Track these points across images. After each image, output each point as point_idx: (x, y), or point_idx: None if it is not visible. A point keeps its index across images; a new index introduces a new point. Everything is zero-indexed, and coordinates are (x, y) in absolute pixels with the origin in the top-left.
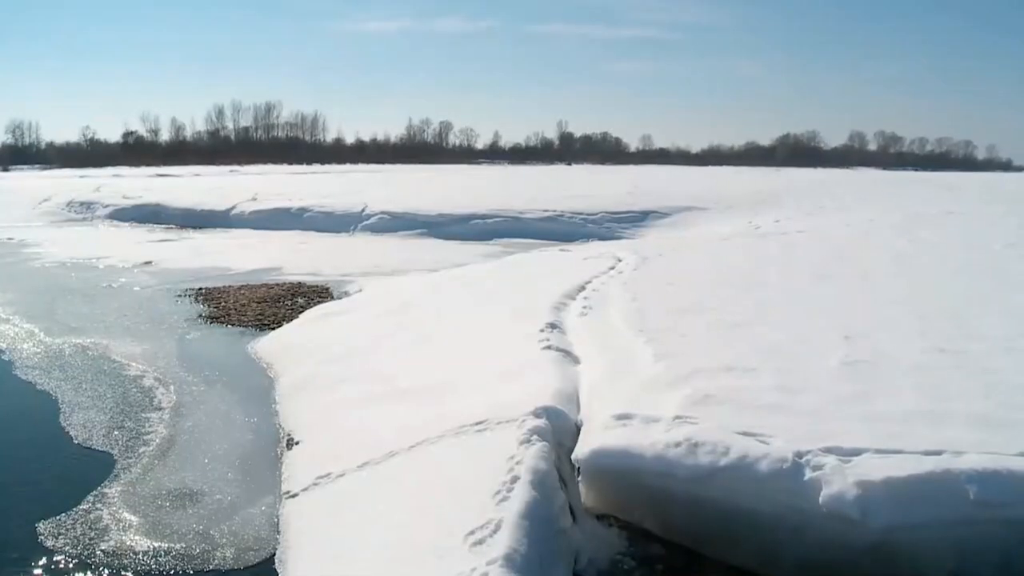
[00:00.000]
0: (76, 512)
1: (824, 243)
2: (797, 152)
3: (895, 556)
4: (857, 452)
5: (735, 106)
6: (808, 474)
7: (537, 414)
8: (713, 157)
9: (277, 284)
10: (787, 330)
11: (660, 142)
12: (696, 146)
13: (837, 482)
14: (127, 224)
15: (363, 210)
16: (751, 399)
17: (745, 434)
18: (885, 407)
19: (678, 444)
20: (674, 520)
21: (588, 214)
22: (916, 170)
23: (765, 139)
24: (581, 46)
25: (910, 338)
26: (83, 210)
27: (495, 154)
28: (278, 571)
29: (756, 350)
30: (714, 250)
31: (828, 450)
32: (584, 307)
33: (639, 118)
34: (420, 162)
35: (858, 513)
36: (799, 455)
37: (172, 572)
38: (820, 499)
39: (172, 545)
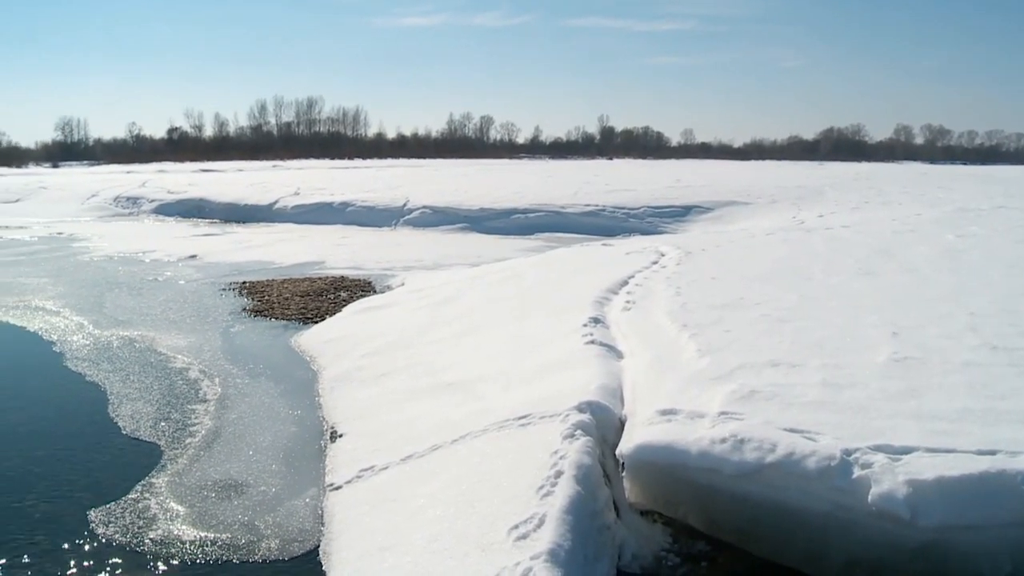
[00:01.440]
0: (125, 501)
1: (869, 238)
2: (841, 146)
3: (947, 557)
4: (907, 450)
5: (778, 100)
6: (856, 472)
7: (581, 409)
8: (755, 151)
9: (320, 278)
10: (833, 325)
11: (702, 136)
12: (738, 140)
13: (887, 481)
14: (172, 219)
15: (404, 204)
16: (797, 395)
17: (791, 430)
18: (936, 405)
19: (724, 440)
20: (719, 516)
21: (630, 209)
22: (965, 164)
23: (808, 133)
24: (621, 40)
25: (961, 334)
26: (129, 205)
27: (536, 149)
28: (323, 563)
29: (801, 345)
30: (758, 245)
31: (877, 448)
32: (627, 302)
33: (680, 112)
34: (461, 157)
35: (908, 513)
36: (847, 452)
37: (218, 562)
38: (869, 498)
39: (218, 535)
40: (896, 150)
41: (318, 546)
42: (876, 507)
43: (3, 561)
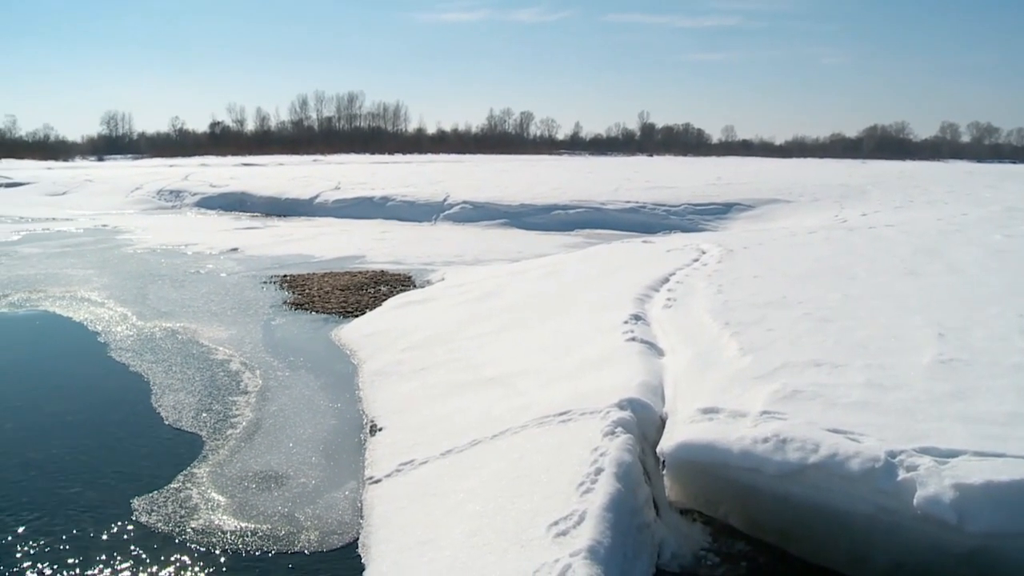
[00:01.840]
0: (167, 490)
1: (914, 237)
2: (885, 144)
3: (996, 564)
4: (954, 454)
5: (820, 97)
6: (901, 474)
7: (621, 406)
8: (797, 149)
9: (360, 272)
10: (877, 326)
11: (743, 133)
12: (780, 138)
13: (932, 484)
14: (214, 212)
15: (445, 200)
16: (841, 395)
17: (835, 431)
18: (984, 408)
19: (766, 440)
20: (760, 517)
21: (671, 206)
22: (1014, 163)
23: (851, 131)
24: (662, 36)
25: (1009, 336)
26: (172, 198)
27: (576, 145)
28: (361, 556)
29: (845, 345)
30: (800, 243)
31: (923, 450)
32: (668, 299)
33: (722, 109)
34: (501, 152)
35: (955, 517)
36: (892, 454)
37: (258, 552)
38: (914, 501)
39: (258, 526)
40: (942, 148)
41: (357, 539)
42: (921, 511)
43: (50, 547)
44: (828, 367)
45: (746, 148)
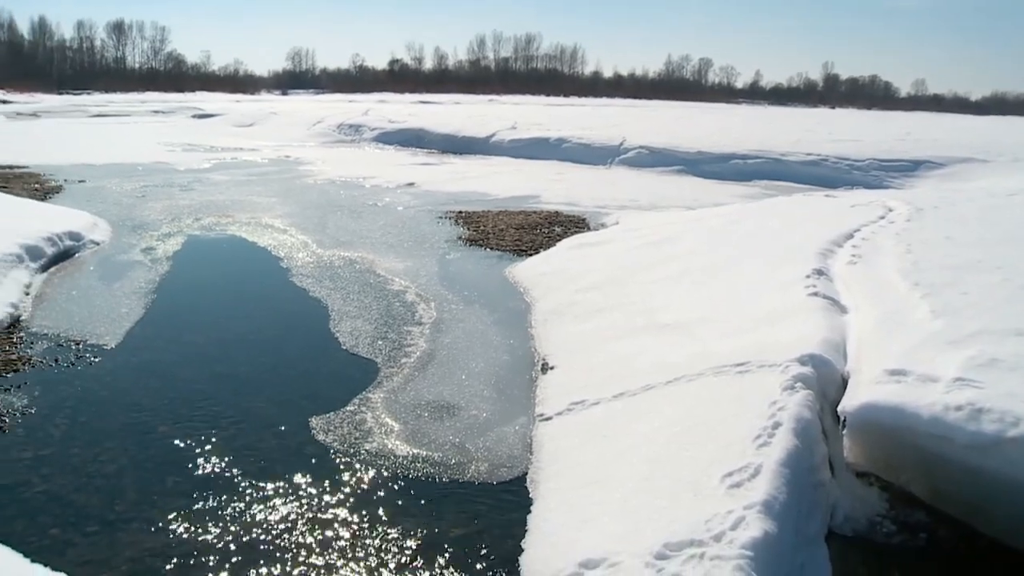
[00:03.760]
0: (343, 412)
1: None
2: None
3: None
4: None
5: None
6: None
7: (802, 361)
8: (995, 106)
9: (535, 212)
10: None
11: (935, 87)
12: (976, 93)
13: None
14: (391, 147)
15: (621, 144)
16: None
17: None
18: None
19: (959, 408)
20: (946, 488)
21: (854, 160)
22: None
23: None
24: None
25: None
26: (352, 132)
27: (755, 94)
28: (530, 491)
29: None
30: (999, 205)
31: None
32: (853, 255)
33: (912, 61)
34: (677, 99)
35: None
36: None
37: (429, 478)
38: None
39: (430, 453)
40: None
41: (526, 473)
42: None
43: (233, 456)
44: None
45: (937, 103)
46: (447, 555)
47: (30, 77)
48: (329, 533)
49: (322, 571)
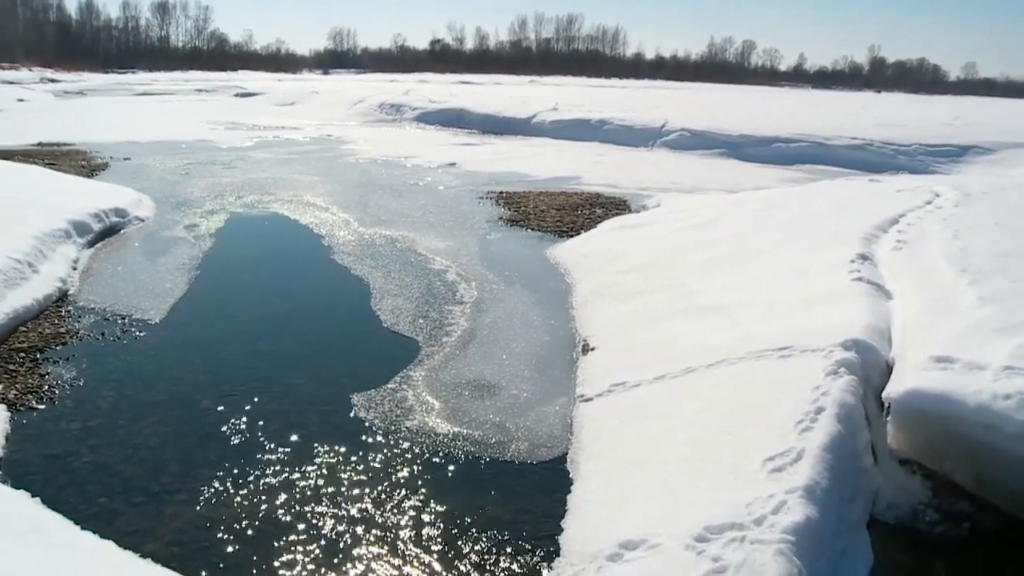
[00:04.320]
0: (384, 390)
1: None
2: None
3: None
4: None
5: None
6: None
7: (846, 346)
8: None
9: (576, 193)
10: None
11: (986, 71)
12: None
13: None
14: (432, 127)
15: (663, 126)
16: None
17: None
18: None
19: (1008, 396)
20: (992, 478)
21: (899, 145)
22: None
23: None
24: None
25: None
26: (392, 112)
27: (799, 77)
28: (570, 471)
29: None
30: None
31: None
32: (898, 241)
33: (962, 43)
34: (719, 82)
35: None
36: None
37: (469, 456)
38: None
39: (470, 432)
40: None
41: (566, 454)
42: None
43: (275, 430)
44: None
45: (988, 87)
46: (487, 534)
47: (77, 56)
48: (371, 508)
49: (363, 546)
